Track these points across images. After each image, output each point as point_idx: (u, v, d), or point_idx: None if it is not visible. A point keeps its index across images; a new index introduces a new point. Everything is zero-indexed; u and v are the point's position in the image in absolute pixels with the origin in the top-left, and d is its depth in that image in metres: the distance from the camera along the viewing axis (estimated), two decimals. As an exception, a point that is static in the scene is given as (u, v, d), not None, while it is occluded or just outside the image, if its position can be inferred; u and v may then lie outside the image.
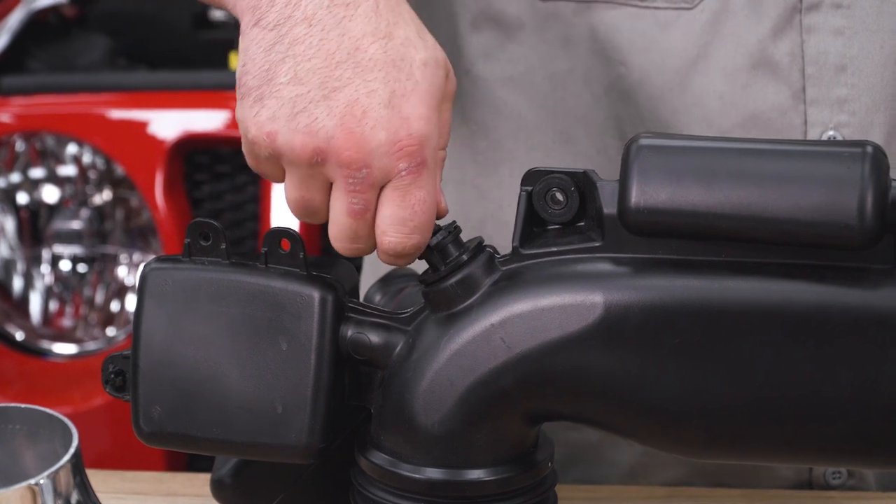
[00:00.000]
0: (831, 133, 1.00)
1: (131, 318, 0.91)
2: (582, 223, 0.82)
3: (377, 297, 0.96)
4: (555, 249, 0.81)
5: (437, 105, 0.81)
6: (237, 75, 0.82)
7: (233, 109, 2.14)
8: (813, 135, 1.00)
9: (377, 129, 0.79)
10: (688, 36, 1.00)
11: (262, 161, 0.82)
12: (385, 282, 0.97)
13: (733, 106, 1.00)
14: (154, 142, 1.98)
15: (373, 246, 0.82)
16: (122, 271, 2.04)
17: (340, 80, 0.79)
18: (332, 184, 0.81)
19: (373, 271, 1.15)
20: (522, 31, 1.04)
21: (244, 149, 0.83)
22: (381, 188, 0.80)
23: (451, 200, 1.09)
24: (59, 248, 2.03)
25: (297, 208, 0.82)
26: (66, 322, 2.06)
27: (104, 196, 2.04)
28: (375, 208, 0.80)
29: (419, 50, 0.81)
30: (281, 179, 0.83)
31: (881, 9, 0.99)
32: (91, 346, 2.05)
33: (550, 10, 1.02)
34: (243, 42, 0.81)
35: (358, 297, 0.87)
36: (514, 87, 1.05)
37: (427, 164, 0.80)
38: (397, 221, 0.80)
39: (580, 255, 0.80)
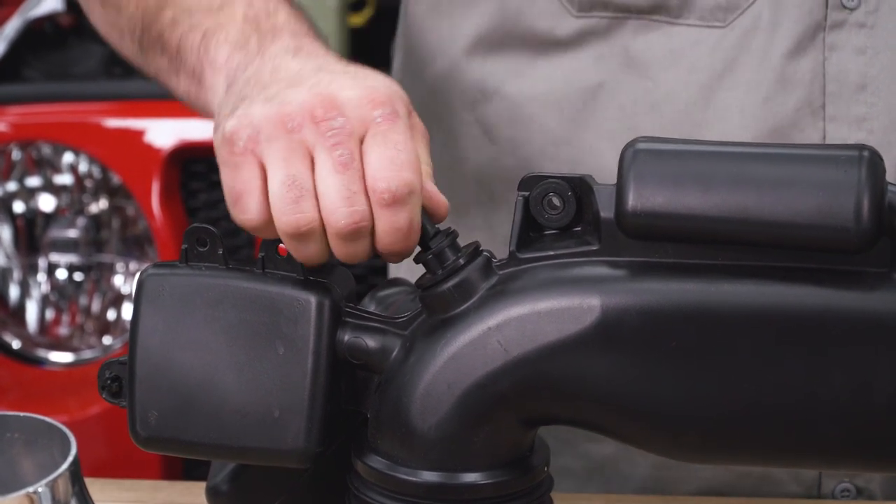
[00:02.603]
0: None
1: (128, 326, 0.91)
2: (579, 228, 0.82)
3: (370, 308, 0.95)
4: (552, 254, 0.81)
5: None
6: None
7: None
8: None
9: (345, 89, 0.81)
10: (716, 52, 1.01)
11: (240, 157, 0.80)
12: (378, 293, 0.97)
13: (754, 119, 1.00)
14: (150, 150, 1.98)
15: (371, 212, 0.79)
16: (118, 280, 2.04)
17: (304, 77, 0.83)
18: (313, 158, 0.79)
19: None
20: (554, 47, 1.04)
21: (222, 158, 0.81)
22: (362, 141, 0.80)
23: (479, 219, 1.09)
24: (55, 257, 2.03)
25: (287, 193, 0.78)
26: (63, 330, 2.05)
27: (100, 205, 2.03)
28: (361, 163, 0.79)
29: None
30: (261, 184, 0.80)
31: None
32: (87, 354, 2.04)
33: (584, 25, 1.03)
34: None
35: (355, 303, 0.87)
36: (544, 102, 1.06)
37: (400, 115, 0.81)
38: (385, 160, 0.79)
39: (577, 259, 0.80)
